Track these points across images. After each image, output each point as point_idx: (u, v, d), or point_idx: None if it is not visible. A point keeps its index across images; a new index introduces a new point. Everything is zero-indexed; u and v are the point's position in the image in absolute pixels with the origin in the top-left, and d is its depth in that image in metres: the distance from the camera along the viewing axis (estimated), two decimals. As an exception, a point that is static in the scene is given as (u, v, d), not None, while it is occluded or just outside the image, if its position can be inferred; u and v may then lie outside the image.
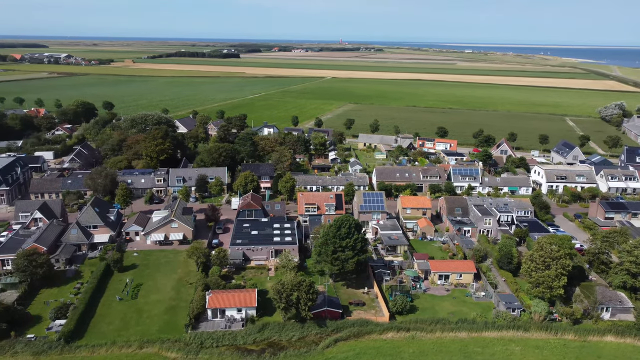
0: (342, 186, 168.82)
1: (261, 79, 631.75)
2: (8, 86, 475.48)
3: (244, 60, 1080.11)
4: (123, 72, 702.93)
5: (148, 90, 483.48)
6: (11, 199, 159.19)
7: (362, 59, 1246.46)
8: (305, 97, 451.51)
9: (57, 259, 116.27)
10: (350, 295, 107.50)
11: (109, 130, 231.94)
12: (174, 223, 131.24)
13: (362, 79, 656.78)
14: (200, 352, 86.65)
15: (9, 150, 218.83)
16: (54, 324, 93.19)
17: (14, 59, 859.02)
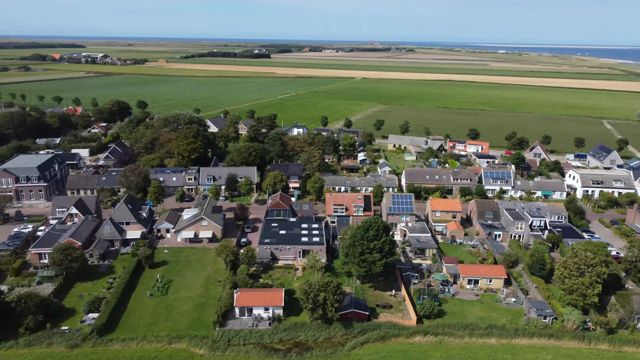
0: (371, 187, 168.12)
1: (291, 79, 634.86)
2: (47, 85, 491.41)
3: (274, 60, 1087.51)
4: (157, 71, 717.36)
5: (181, 89, 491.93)
6: (49, 195, 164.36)
7: (393, 59, 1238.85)
8: (335, 98, 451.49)
9: (91, 253, 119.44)
10: (378, 297, 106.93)
11: (142, 128, 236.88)
12: (204, 221, 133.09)
13: (392, 80, 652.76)
14: (228, 350, 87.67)
15: (48, 147, 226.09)
16: (87, 317, 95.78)
17: (53, 58, 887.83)
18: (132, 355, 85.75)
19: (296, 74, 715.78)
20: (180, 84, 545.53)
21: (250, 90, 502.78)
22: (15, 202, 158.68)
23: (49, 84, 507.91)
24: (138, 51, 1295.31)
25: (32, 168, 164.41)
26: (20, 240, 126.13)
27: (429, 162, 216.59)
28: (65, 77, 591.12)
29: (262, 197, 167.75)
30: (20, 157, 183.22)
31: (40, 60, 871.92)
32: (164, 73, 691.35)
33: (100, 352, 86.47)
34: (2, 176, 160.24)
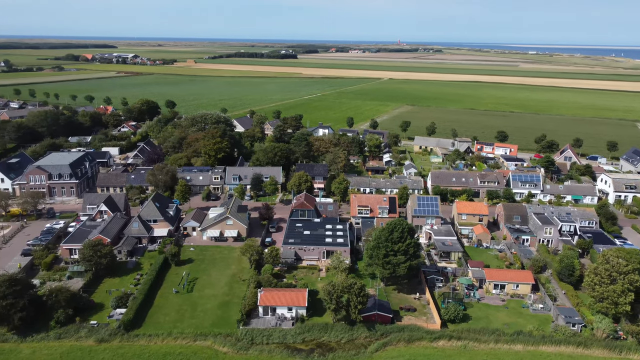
0: (396, 189, 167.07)
1: (318, 80, 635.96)
2: (80, 84, 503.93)
3: (301, 60, 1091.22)
4: (185, 72, 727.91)
5: (208, 89, 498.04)
6: (80, 192, 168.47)
7: (420, 60, 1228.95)
8: (361, 98, 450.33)
9: (120, 250, 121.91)
10: (401, 300, 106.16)
11: (170, 128, 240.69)
12: (229, 220, 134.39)
13: (419, 81, 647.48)
14: (251, 348, 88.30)
15: (79, 145, 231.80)
16: (114, 312, 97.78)
17: (85, 58, 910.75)
18: (157, 351, 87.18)
19: (322, 74, 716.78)
20: (208, 84, 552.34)
21: (277, 90, 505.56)
22: (48, 199, 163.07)
23: (81, 83, 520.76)
24: (167, 51, 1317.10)
25: (65, 165, 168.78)
26: (52, 235, 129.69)
27: (456, 164, 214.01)
28: (96, 77, 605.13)
29: (287, 197, 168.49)
30: (53, 154, 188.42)
31: (74, 60, 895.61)
32: (192, 73, 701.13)
33: (127, 347, 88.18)
34: (35, 173, 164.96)
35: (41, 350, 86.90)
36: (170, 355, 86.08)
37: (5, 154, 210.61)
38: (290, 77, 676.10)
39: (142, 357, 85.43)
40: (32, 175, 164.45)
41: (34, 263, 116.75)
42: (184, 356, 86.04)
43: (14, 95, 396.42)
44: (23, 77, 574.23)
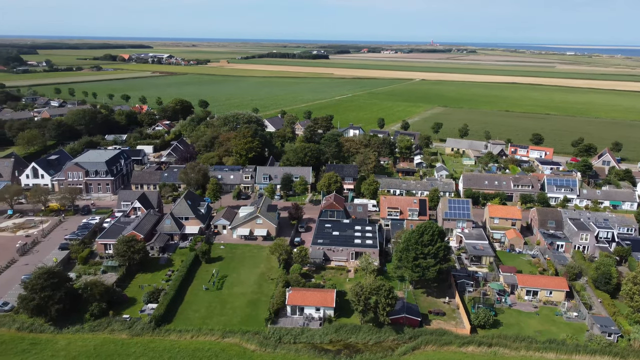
0: (427, 191, 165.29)
1: (349, 80, 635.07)
2: (117, 84, 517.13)
3: (332, 61, 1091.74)
4: (218, 72, 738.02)
5: (240, 89, 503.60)
6: (115, 189, 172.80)
7: (453, 60, 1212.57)
8: (393, 99, 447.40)
9: (152, 246, 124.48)
10: (430, 303, 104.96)
11: (203, 127, 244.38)
12: (259, 219, 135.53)
13: (452, 82, 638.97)
14: (278, 347, 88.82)
15: (115, 143, 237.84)
16: (146, 307, 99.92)
17: (122, 58, 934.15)
18: (187, 347, 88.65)
19: (354, 75, 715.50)
20: (240, 84, 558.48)
21: (308, 91, 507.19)
22: (85, 195, 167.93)
23: (118, 83, 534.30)
24: (201, 52, 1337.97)
25: (101, 163, 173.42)
26: (88, 230, 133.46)
27: (489, 167, 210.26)
28: (133, 77, 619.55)
29: (316, 198, 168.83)
30: (90, 152, 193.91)
31: (111, 60, 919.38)
32: (225, 73, 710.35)
33: (158, 342, 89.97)
34: (73, 170, 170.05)
35: (76, 341, 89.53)
36: (199, 351, 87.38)
37: (45, 151, 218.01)
38: (322, 77, 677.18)
39: (172, 352, 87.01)
40: (71, 172, 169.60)
41: (70, 257, 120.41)
42: (213, 352, 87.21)
43: (54, 94, 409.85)
44: (63, 76, 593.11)
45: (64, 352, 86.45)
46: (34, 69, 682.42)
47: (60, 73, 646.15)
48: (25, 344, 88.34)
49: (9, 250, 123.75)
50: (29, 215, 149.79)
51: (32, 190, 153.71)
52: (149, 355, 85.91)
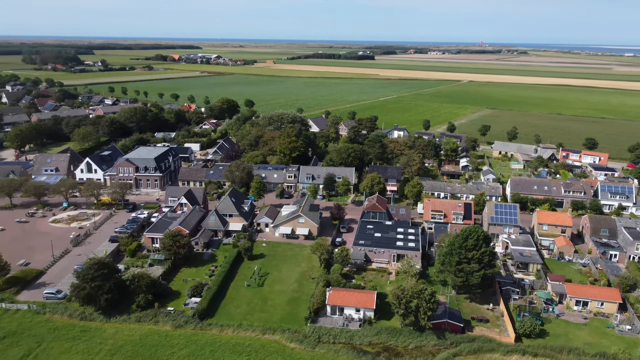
0: (472, 195, 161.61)
1: (394, 81, 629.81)
2: (167, 83, 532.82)
3: (378, 62, 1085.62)
4: (264, 72, 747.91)
5: (286, 89, 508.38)
6: (163, 185, 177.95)
7: (503, 62, 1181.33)
8: (439, 101, 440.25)
9: (197, 242, 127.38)
10: (473, 310, 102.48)
11: (248, 126, 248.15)
12: (301, 218, 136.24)
13: (501, 83, 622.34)
14: (318, 346, 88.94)
15: (164, 140, 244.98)
16: (190, 301, 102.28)
17: (173, 59, 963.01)
18: (228, 342, 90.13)
19: (399, 76, 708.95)
20: (286, 84, 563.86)
21: (353, 91, 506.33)
22: (135, 190, 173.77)
23: (168, 82, 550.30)
24: (248, 52, 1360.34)
25: (150, 159, 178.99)
26: (137, 224, 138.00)
27: (538, 171, 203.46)
28: (182, 77, 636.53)
29: (358, 198, 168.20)
30: (141, 148, 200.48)
31: (162, 60, 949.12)
32: (271, 73, 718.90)
33: (200, 335, 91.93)
34: (124, 165, 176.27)
35: (123, 331, 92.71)
36: (240, 346, 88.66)
37: (98, 147, 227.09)
38: (367, 78, 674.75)
39: (213, 346, 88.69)
40: (122, 168, 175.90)
41: (120, 249, 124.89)
42: (253, 348, 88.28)
43: (108, 93, 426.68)
44: (117, 75, 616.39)
45: (111, 340, 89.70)
46: (90, 69, 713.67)
47: (114, 72, 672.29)
48: (76, 331, 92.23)
49: (63, 240, 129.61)
50: (82, 208, 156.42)
51: (85, 184, 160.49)
52: (191, 348, 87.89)
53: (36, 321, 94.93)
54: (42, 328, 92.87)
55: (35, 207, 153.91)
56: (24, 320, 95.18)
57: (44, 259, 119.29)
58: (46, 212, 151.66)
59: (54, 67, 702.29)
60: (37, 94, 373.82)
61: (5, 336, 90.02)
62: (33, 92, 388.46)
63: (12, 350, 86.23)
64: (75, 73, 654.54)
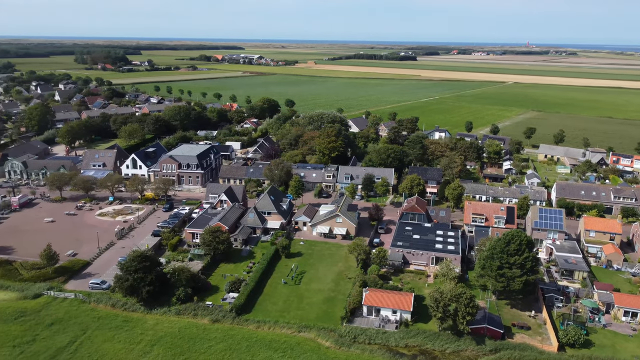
0: (515, 199, 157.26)
1: (436, 82, 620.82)
2: (210, 83, 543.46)
3: (420, 62, 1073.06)
4: (305, 72, 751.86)
5: (326, 90, 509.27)
6: (204, 182, 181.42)
7: (550, 63, 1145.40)
8: (482, 102, 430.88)
9: (236, 238, 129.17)
10: (514, 316, 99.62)
11: (288, 125, 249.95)
12: (339, 218, 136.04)
13: (548, 85, 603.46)
14: (353, 346, 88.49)
15: (206, 138, 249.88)
16: (228, 296, 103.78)
17: (216, 59, 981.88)
18: (264, 337, 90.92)
19: (442, 77, 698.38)
20: (326, 85, 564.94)
21: (393, 92, 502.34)
22: (177, 186, 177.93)
23: (211, 82, 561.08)
24: (290, 53, 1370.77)
25: (193, 157, 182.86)
26: (178, 219, 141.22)
27: (586, 176, 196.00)
28: (225, 76, 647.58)
29: (397, 200, 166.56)
30: (184, 146, 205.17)
31: (206, 60, 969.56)
32: (311, 74, 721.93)
33: (237, 330, 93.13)
34: (168, 162, 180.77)
35: (163, 322, 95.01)
36: (276, 343, 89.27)
37: (144, 144, 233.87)
38: (408, 79, 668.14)
39: (249, 341, 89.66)
40: (165, 164, 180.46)
41: (161, 243, 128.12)
42: (288, 345, 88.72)
43: (154, 92, 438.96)
44: (162, 75, 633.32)
45: (152, 331, 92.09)
46: (137, 68, 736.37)
47: (160, 72, 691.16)
48: (119, 321, 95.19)
49: (108, 233, 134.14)
50: (127, 202, 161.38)
51: (130, 179, 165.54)
52: (228, 342, 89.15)
53: (82, 309, 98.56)
54: (87, 316, 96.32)
55: (83, 201, 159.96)
56: (70, 308, 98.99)
57: (90, 251, 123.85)
58: (93, 206, 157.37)
59: (104, 66, 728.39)
60: (87, 93, 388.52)
61: (54, 322, 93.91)
62: (83, 90, 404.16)
63: (59, 337, 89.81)
64: (123, 72, 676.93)
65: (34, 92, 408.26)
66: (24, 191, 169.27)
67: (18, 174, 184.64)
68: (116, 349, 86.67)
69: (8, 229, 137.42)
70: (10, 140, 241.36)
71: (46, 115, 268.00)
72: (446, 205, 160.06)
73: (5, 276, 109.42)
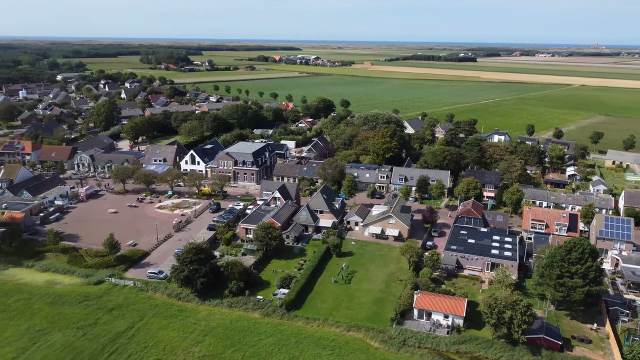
0: (579, 206, 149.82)
1: (497, 84, 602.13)
2: (268, 82, 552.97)
3: (480, 64, 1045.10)
4: (361, 73, 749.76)
5: (382, 91, 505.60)
6: (259, 179, 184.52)
7: (622, 65, 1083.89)
8: (545, 105, 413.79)
9: (288, 235, 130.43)
10: (574, 328, 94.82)
11: (343, 125, 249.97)
12: (392, 219, 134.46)
13: (618, 88, 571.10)
14: (402, 349, 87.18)
15: (262, 137, 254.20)
16: (278, 291, 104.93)
17: (274, 60, 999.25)
18: (313, 334, 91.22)
19: (503, 78, 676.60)
20: (382, 86, 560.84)
21: (451, 94, 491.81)
22: (232, 182, 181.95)
23: (268, 82, 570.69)
24: (346, 54, 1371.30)
25: (248, 154, 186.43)
26: (233, 215, 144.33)
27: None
28: (282, 77, 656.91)
29: (452, 203, 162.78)
30: (240, 143, 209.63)
31: (264, 61, 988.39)
32: (368, 75, 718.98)
33: (286, 325, 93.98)
34: (224, 159, 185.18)
35: (215, 314, 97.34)
36: (324, 340, 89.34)
37: (202, 141, 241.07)
38: (467, 80, 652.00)
39: (298, 337, 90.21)
40: (222, 161, 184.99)
41: (216, 237, 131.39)
42: (337, 344, 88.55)
43: (213, 91, 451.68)
44: (222, 75, 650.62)
45: (204, 322, 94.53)
46: (198, 68, 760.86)
47: (220, 72, 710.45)
48: (174, 310, 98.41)
49: (167, 226, 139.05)
50: (185, 196, 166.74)
51: (189, 174, 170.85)
52: (277, 337, 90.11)
53: (140, 297, 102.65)
54: (145, 304, 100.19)
55: (144, 194, 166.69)
56: (129, 295, 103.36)
57: (149, 241, 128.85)
58: (153, 199, 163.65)
59: (167, 66, 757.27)
60: (150, 91, 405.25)
61: (114, 308, 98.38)
62: (147, 89, 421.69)
63: (118, 322, 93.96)
64: (184, 72, 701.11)
65: (103, 90, 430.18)
66: (90, 183, 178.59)
67: (86, 167, 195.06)
68: (170, 337, 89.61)
69: (75, 218, 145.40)
70: (80, 135, 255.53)
71: (113, 111, 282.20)
72: (504, 210, 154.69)
73: (72, 262, 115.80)
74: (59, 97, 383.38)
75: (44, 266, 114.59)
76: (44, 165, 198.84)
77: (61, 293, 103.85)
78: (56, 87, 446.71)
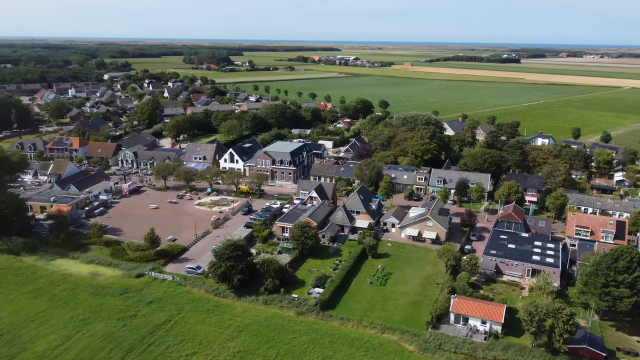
0: (628, 213, 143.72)
1: (541, 86, 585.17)
2: (307, 83, 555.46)
3: (524, 65, 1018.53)
4: (401, 74, 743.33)
5: (422, 92, 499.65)
6: (296, 178, 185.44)
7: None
8: (592, 108, 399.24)
9: (324, 235, 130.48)
10: (620, 339, 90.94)
11: (381, 126, 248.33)
12: (429, 222, 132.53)
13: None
14: (437, 353, 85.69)
15: (300, 136, 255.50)
16: (313, 291, 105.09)
17: (313, 60, 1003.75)
18: (347, 335, 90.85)
19: (547, 80, 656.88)
20: (422, 87, 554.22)
21: (493, 95, 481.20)
22: (270, 181, 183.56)
23: (307, 82, 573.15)
24: (386, 54, 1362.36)
25: (286, 153, 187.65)
26: (270, 213, 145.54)
27: None
28: (320, 77, 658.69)
29: (492, 207, 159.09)
30: (278, 143, 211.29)
31: (303, 61, 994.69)
32: (407, 75, 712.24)
33: (321, 324, 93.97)
34: (262, 158, 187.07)
35: (250, 310, 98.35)
36: (358, 341, 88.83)
37: (241, 139, 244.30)
38: (511, 82, 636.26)
39: (332, 337, 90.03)
40: (260, 160, 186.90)
41: (253, 235, 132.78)
42: (371, 345, 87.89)
43: (253, 90, 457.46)
44: (261, 75, 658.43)
45: (239, 318, 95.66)
46: (238, 69, 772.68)
47: (259, 72, 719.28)
48: (211, 305, 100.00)
49: (205, 222, 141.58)
50: (223, 194, 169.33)
51: (227, 172, 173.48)
52: (311, 336, 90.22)
53: (178, 291, 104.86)
54: (183, 298, 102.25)
55: (184, 190, 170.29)
56: (168, 289, 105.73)
57: (188, 237, 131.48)
58: (193, 196, 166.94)
59: (208, 66, 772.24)
60: (192, 90, 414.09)
61: (153, 301, 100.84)
62: (189, 88, 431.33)
63: (157, 314, 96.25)
64: (225, 72, 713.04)
65: (146, 89, 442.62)
66: (133, 179, 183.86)
67: (129, 163, 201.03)
68: (207, 331, 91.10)
69: (118, 213, 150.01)
70: (124, 132, 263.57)
71: (156, 110, 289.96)
72: (546, 216, 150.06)
73: (114, 255, 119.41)
74: (106, 95, 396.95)
75: (88, 258, 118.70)
76: (90, 161, 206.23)
77: (104, 284, 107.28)
78: (103, 86, 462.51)
